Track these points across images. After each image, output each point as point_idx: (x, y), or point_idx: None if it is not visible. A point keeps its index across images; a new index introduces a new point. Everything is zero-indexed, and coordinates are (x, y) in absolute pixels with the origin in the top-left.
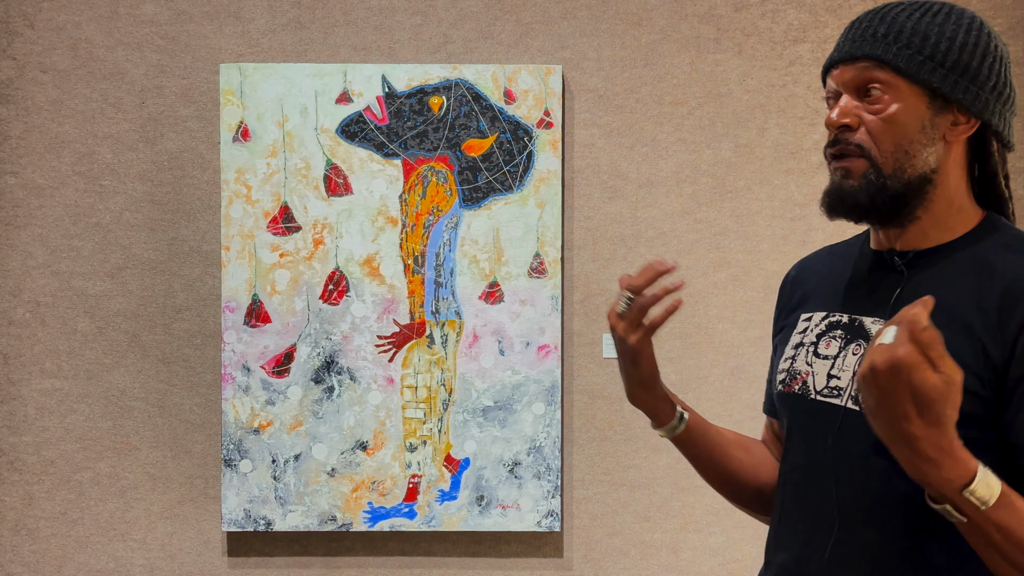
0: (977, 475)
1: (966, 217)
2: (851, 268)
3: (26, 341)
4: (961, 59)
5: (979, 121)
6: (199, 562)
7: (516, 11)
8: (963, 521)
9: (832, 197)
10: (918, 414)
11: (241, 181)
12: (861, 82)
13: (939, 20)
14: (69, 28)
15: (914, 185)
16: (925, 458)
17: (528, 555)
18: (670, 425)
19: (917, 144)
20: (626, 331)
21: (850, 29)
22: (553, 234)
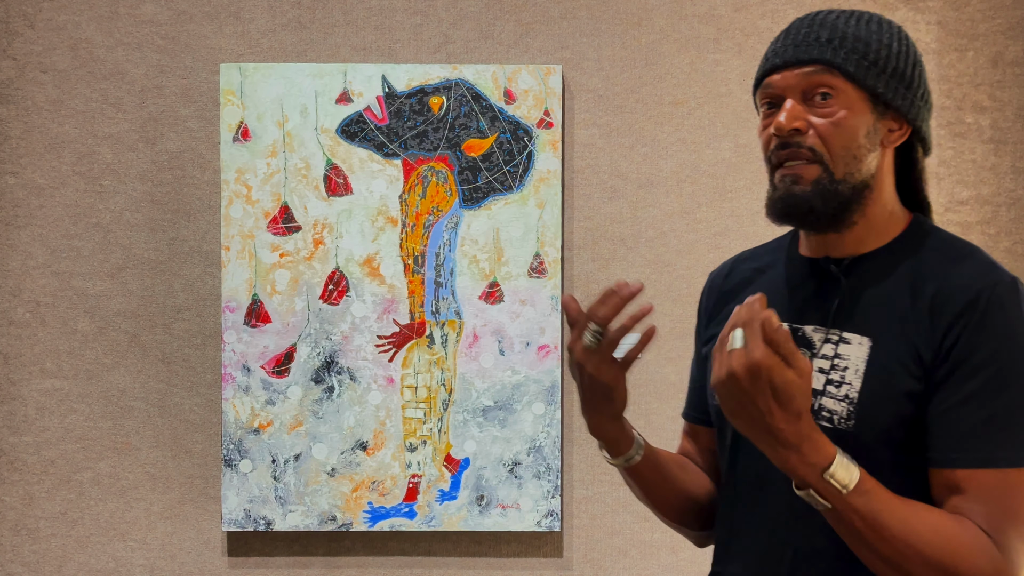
0: (835, 459)
1: (897, 221)
2: (783, 276)
3: (26, 341)
4: (898, 66)
5: (911, 128)
6: (199, 562)
7: (516, 11)
8: (828, 507)
9: (784, 203)
10: (780, 408)
11: (241, 181)
12: (809, 86)
13: (874, 28)
14: (69, 28)
15: (858, 190)
16: (787, 445)
17: (528, 555)
18: (628, 455)
19: (863, 149)
20: (599, 368)
21: (787, 35)
22: (553, 234)
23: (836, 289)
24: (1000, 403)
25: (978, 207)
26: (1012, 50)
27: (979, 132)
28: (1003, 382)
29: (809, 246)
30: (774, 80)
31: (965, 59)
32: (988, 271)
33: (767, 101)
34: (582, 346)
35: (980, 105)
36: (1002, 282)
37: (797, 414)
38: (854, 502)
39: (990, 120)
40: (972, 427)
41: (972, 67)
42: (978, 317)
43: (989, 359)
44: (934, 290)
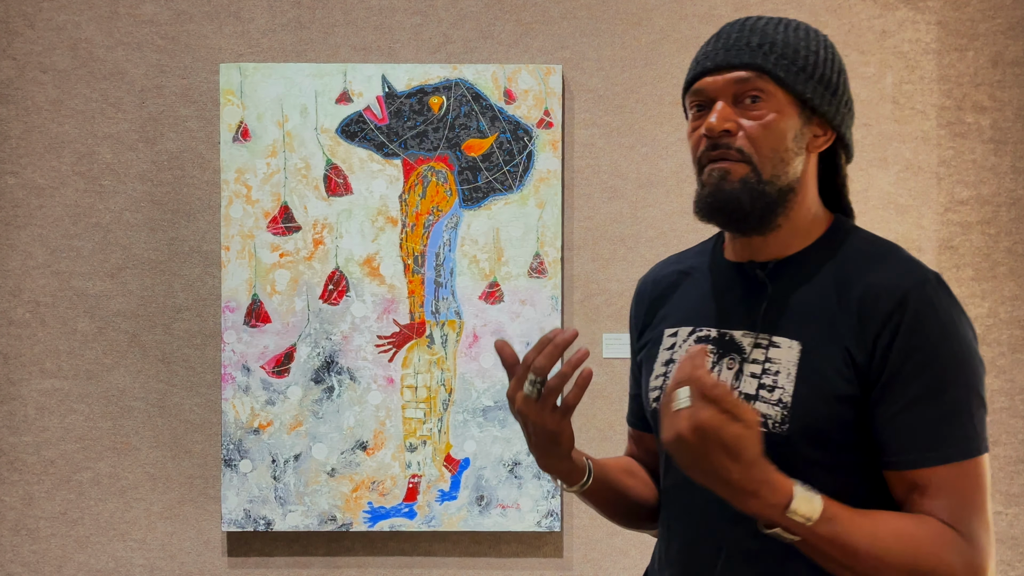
0: (795, 494)
1: (819, 223)
2: (709, 281)
3: (26, 341)
4: (825, 73)
5: (835, 134)
6: (199, 562)
7: (516, 11)
8: (796, 540)
9: (714, 198)
10: (732, 461)
11: (241, 181)
12: (740, 90)
13: (802, 35)
14: (69, 28)
15: (783, 193)
16: (745, 492)
17: (528, 555)
18: (581, 483)
19: (790, 152)
20: (541, 417)
21: (717, 39)
22: (553, 234)
23: (762, 293)
24: (946, 400)
25: (978, 207)
26: (1012, 50)
27: (979, 132)
28: (945, 380)
29: (734, 250)
30: (705, 83)
31: (965, 59)
32: (912, 270)
33: (697, 103)
34: (523, 396)
35: (980, 105)
36: (928, 280)
37: (750, 463)
38: (820, 531)
39: (990, 120)
40: (923, 428)
41: (972, 67)
42: (910, 318)
43: (929, 360)
44: (860, 291)
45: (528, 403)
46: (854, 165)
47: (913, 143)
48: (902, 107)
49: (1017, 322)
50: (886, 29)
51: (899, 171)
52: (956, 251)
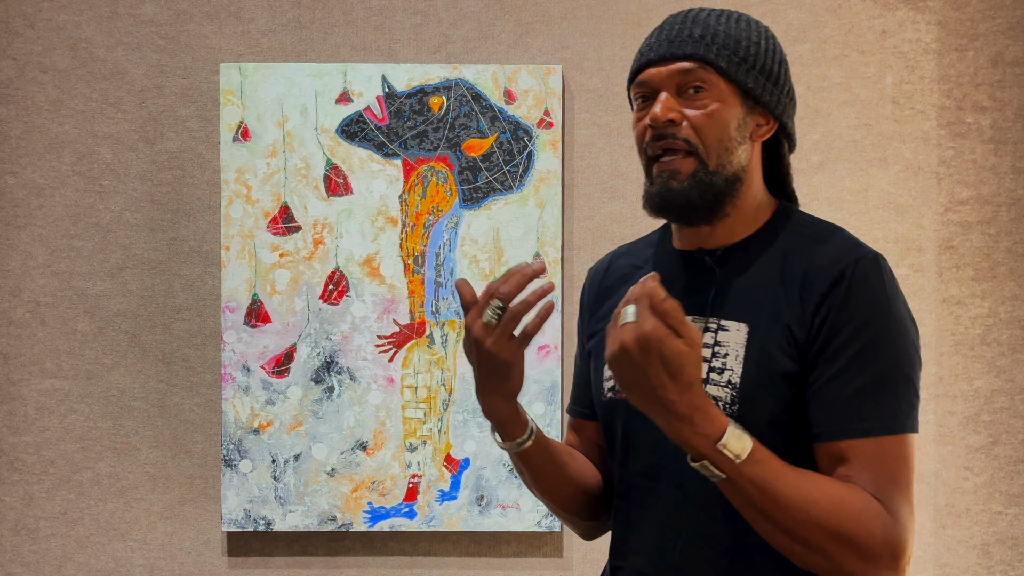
0: (728, 429)
1: (764, 210)
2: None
3: (26, 341)
4: (766, 64)
5: (778, 123)
6: (199, 562)
7: (516, 11)
8: (722, 478)
9: (663, 198)
10: (671, 379)
11: (241, 181)
12: (683, 81)
13: (743, 26)
14: (69, 28)
15: (730, 182)
16: (680, 417)
17: (528, 555)
18: (520, 439)
19: (734, 141)
20: (498, 344)
21: (660, 31)
22: (553, 234)
23: (711, 279)
24: (871, 374)
25: (978, 207)
26: (1012, 50)
27: (979, 132)
28: (873, 354)
29: (682, 239)
30: (649, 74)
31: (965, 59)
32: (851, 248)
33: (641, 95)
34: (482, 323)
35: (980, 105)
36: (864, 257)
37: (688, 384)
38: (747, 471)
39: (990, 120)
40: (848, 400)
41: (972, 67)
42: (844, 292)
43: (857, 332)
44: (802, 270)
45: (486, 329)
46: (854, 165)
47: (913, 143)
48: (902, 107)
49: (1017, 322)
50: (886, 29)
51: (899, 171)
52: (956, 251)
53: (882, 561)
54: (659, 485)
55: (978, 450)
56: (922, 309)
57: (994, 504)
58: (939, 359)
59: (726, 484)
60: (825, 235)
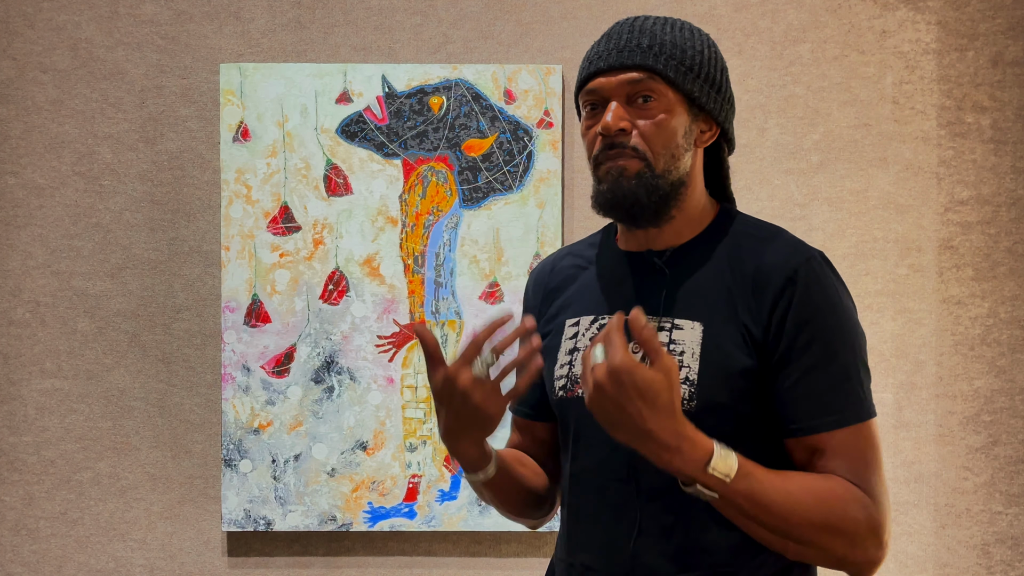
0: (714, 452)
1: (707, 212)
2: (607, 271)
3: (26, 341)
4: (710, 72)
5: (720, 128)
6: (199, 562)
7: (516, 11)
8: (714, 497)
9: (613, 194)
10: (649, 409)
11: (241, 181)
12: (633, 91)
13: (687, 35)
14: (69, 28)
15: (675, 186)
16: (666, 447)
17: (528, 555)
18: (486, 471)
19: (681, 148)
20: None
21: (608, 40)
22: (553, 234)
23: (660, 280)
24: (836, 369)
25: (978, 207)
26: (1012, 50)
27: (979, 132)
28: (834, 349)
29: (628, 241)
30: (599, 83)
31: (965, 59)
32: (799, 248)
33: (590, 103)
34: (471, 375)
35: (980, 105)
36: (813, 257)
37: (668, 412)
38: (738, 487)
39: (990, 120)
40: (818, 395)
41: (972, 67)
42: (800, 292)
43: (819, 331)
44: (752, 270)
45: (475, 383)
46: (854, 165)
47: (913, 143)
48: (902, 107)
49: (1017, 322)
50: (886, 29)
51: (899, 171)
52: (956, 251)
53: (868, 541)
54: (610, 480)
55: (978, 450)
56: (922, 309)
57: (994, 504)
58: (939, 359)
59: (718, 501)
60: (770, 235)
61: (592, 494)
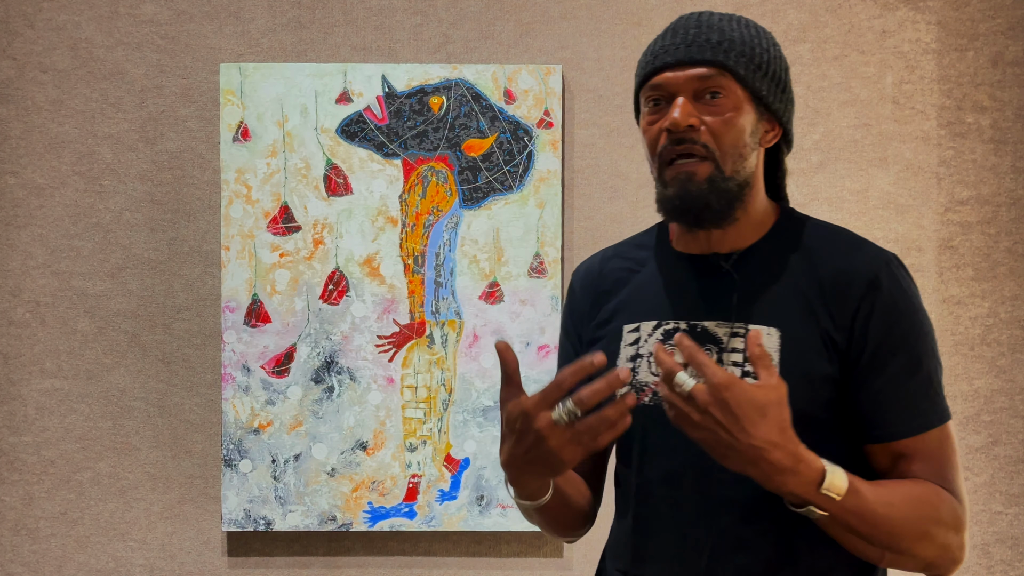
0: (827, 471)
1: (769, 214)
2: (665, 274)
3: (26, 341)
4: (776, 70)
5: (783, 129)
6: (199, 562)
7: (516, 11)
8: (825, 516)
9: (682, 200)
10: (762, 429)
11: (241, 181)
12: (701, 87)
13: (753, 32)
14: (69, 28)
15: (741, 187)
16: (781, 470)
17: (528, 555)
18: (543, 498)
19: (748, 147)
20: (562, 446)
21: (675, 35)
22: (553, 234)
23: (729, 284)
24: (922, 373)
25: (978, 207)
26: (1012, 50)
27: (979, 132)
28: (918, 353)
29: (687, 243)
30: (665, 78)
31: (965, 59)
32: (877, 252)
33: (654, 98)
34: (550, 420)
35: (980, 105)
36: (891, 260)
37: (781, 430)
38: (848, 504)
39: (990, 120)
40: (905, 400)
41: (972, 67)
42: (882, 297)
43: (903, 336)
44: (830, 275)
45: (553, 428)
46: (854, 165)
47: (913, 143)
48: (902, 107)
49: (1017, 322)
50: (886, 29)
51: (899, 171)
52: (956, 251)
53: (955, 543)
54: (680, 492)
55: (978, 450)
56: None
57: (994, 504)
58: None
59: (827, 520)
60: (843, 239)
61: (663, 505)
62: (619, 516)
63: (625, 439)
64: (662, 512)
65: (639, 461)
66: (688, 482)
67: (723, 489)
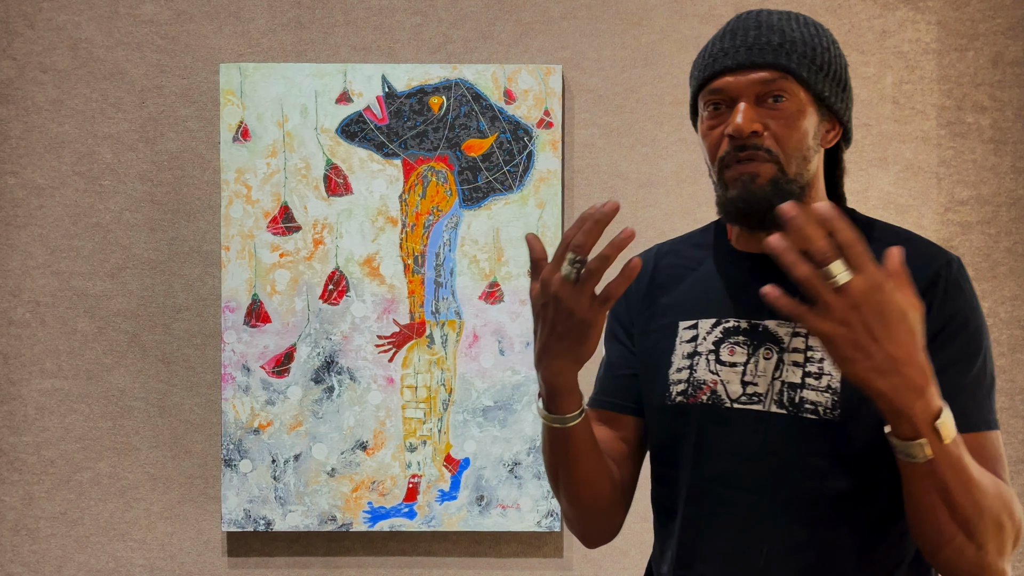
0: (944, 408)
1: None
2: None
3: (26, 341)
4: (837, 70)
5: (843, 128)
6: (199, 562)
7: (516, 11)
8: (927, 459)
9: (745, 202)
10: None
11: (241, 181)
12: (764, 91)
13: (813, 31)
14: (69, 28)
15: (804, 189)
16: (914, 387)
17: (528, 555)
18: (573, 413)
19: (811, 150)
20: (579, 302)
21: (732, 37)
22: (553, 234)
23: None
24: (972, 373)
25: (978, 207)
26: (1012, 50)
27: (979, 132)
28: (971, 353)
29: (748, 242)
30: (726, 82)
31: (965, 59)
32: (939, 252)
33: (714, 102)
34: (560, 278)
35: (980, 105)
36: (953, 260)
37: (919, 344)
38: (952, 451)
39: (990, 120)
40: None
41: (972, 67)
42: (941, 295)
43: (957, 335)
44: None
45: (565, 286)
46: (854, 165)
47: (913, 143)
48: (902, 107)
49: (1017, 322)
50: (886, 29)
51: (899, 171)
52: (956, 251)
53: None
54: (738, 492)
55: None
56: None
57: None
58: None
59: (923, 467)
60: (906, 239)
61: (719, 505)
62: (664, 519)
63: (673, 439)
64: (717, 512)
65: (693, 461)
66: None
67: (784, 491)
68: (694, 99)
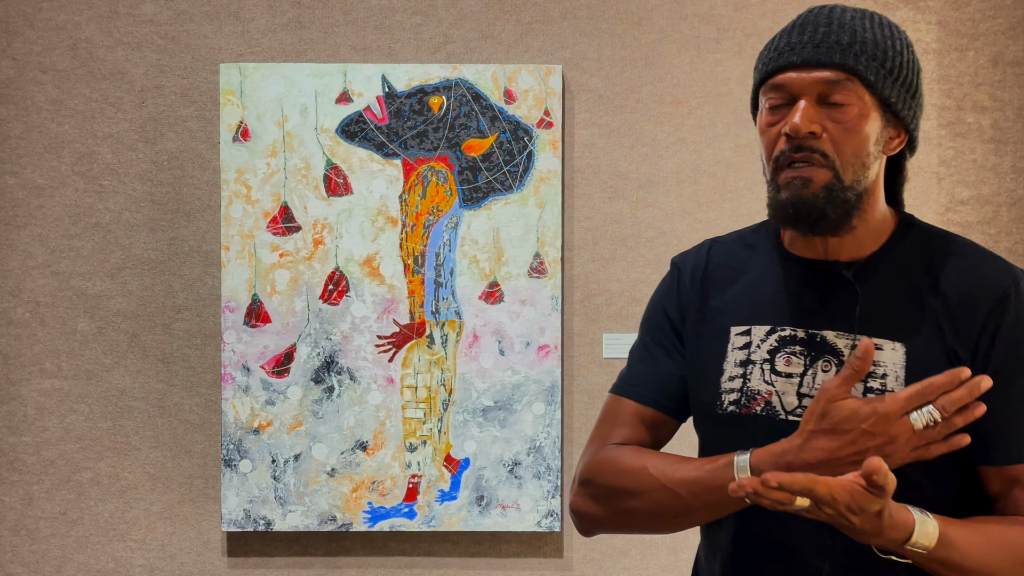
0: (915, 528)
1: (887, 222)
2: (778, 277)
3: (26, 341)
4: (908, 76)
5: (908, 136)
6: (199, 562)
7: (516, 11)
8: (909, 562)
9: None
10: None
11: (241, 181)
12: (827, 91)
13: (886, 32)
14: (69, 28)
15: (861, 196)
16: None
17: (528, 555)
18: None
19: (871, 157)
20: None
21: (802, 32)
22: (553, 234)
23: (850, 294)
24: None
25: (978, 207)
26: (1012, 50)
27: (979, 132)
28: None
29: (803, 247)
30: (789, 79)
31: (965, 59)
32: (1004, 268)
33: (775, 98)
34: (910, 424)
35: (980, 105)
36: (1021, 277)
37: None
38: (936, 556)
39: (990, 120)
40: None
41: (972, 67)
42: (1012, 318)
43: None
44: (958, 290)
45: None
46: None
47: None
48: None
49: None
50: None
51: None
52: None
53: None
54: None
55: None
56: None
57: None
58: None
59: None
60: (970, 252)
61: (774, 520)
62: (711, 531)
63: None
64: (769, 527)
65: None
66: None
67: None
68: (756, 92)
